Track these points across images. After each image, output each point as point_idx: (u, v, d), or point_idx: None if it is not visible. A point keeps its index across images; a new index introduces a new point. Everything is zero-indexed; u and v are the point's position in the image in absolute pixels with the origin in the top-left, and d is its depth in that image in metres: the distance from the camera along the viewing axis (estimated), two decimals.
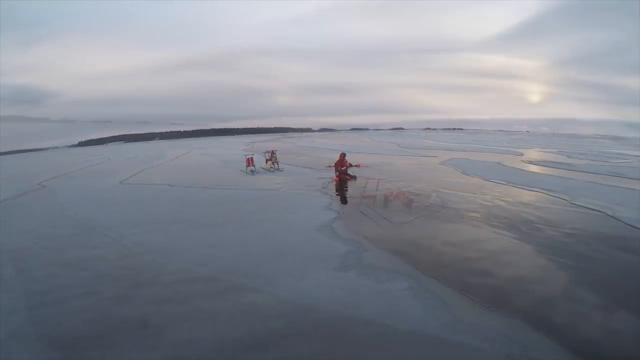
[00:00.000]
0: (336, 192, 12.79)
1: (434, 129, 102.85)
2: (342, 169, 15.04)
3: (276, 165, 18.76)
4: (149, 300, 5.23)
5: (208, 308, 4.94)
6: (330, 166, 19.15)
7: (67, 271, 6.35)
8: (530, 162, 21.07)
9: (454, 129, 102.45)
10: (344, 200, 11.41)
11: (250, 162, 17.94)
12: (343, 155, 15.58)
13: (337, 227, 8.32)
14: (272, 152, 19.04)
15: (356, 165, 19.02)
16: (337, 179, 14.89)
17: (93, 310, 5.04)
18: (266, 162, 18.88)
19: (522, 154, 26.41)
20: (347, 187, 13.77)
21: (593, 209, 9.81)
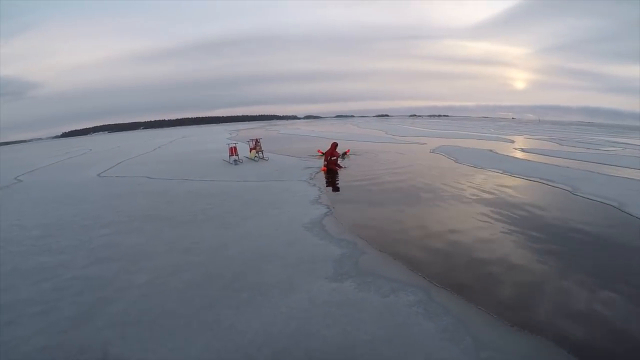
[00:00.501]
0: (325, 182, 11.91)
1: (419, 116, 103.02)
2: (332, 158, 14.16)
3: (261, 155, 17.78)
4: (111, 322, 4.28)
5: (179, 334, 4.03)
6: (319, 151, 18.58)
7: (27, 283, 5.45)
8: (523, 150, 20.40)
9: (440, 115, 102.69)
10: (334, 192, 10.55)
11: (233, 151, 16.94)
12: (335, 144, 14.80)
13: (328, 225, 7.44)
14: (257, 141, 18.03)
15: (346, 151, 18.46)
16: (325, 168, 14.03)
17: (47, 334, 4.09)
18: (250, 151, 17.90)
19: (512, 142, 25.81)
20: (336, 177, 12.90)
21: (598, 201, 9.09)
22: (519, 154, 18.59)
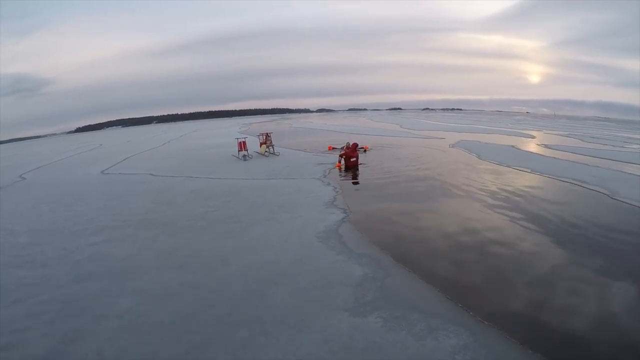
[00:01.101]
0: (340, 181, 10.85)
1: (432, 110, 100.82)
2: (352, 159, 12.97)
3: (271, 150, 16.76)
4: None
5: None
6: (330, 147, 17.71)
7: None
8: (546, 146, 18.99)
9: (453, 109, 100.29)
10: (350, 193, 9.44)
11: (242, 146, 15.97)
12: (355, 145, 13.59)
13: (345, 234, 6.40)
14: (267, 135, 17.01)
15: (364, 147, 17.39)
16: (340, 164, 12.96)
17: None
18: (260, 145, 16.89)
19: (533, 137, 24.34)
20: (352, 174, 11.83)
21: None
22: (542, 150, 17.23)
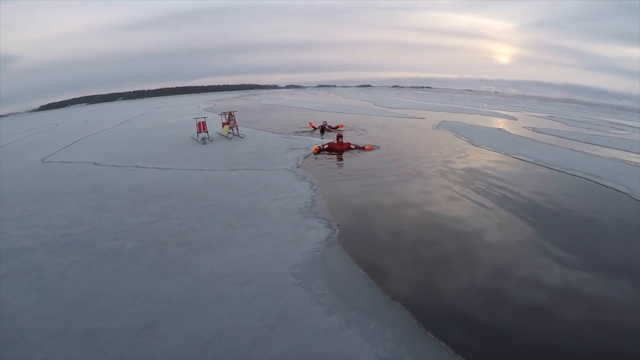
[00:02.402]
0: (318, 172, 8.75)
1: (401, 87, 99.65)
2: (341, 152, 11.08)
3: (235, 131, 14.36)
4: None
5: None
6: (311, 125, 16.21)
7: None
8: (535, 130, 17.43)
9: (422, 87, 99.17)
10: (333, 191, 7.32)
11: (201, 127, 13.57)
12: (340, 137, 11.66)
13: (337, 269, 4.35)
14: (230, 114, 14.55)
15: (339, 126, 15.84)
16: (317, 148, 10.88)
17: None
18: (223, 126, 14.46)
19: (515, 119, 23.00)
20: (331, 162, 9.74)
21: None
22: (533, 135, 15.61)
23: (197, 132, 13.62)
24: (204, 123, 13.69)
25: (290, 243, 4.94)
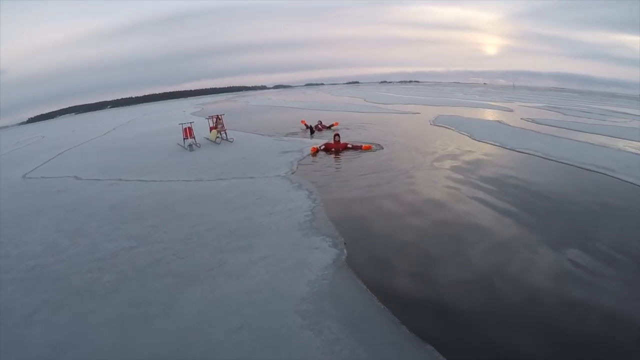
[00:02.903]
0: (315, 177, 8.04)
1: (390, 82, 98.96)
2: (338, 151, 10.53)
3: (223, 135, 13.57)
4: None
5: None
6: (303, 122, 15.62)
7: None
8: (533, 121, 16.83)
9: (410, 81, 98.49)
10: (336, 201, 6.57)
11: (188, 133, 12.73)
12: (337, 136, 11.02)
13: (350, 302, 3.68)
14: (218, 118, 13.76)
15: (334, 124, 15.19)
16: (315, 149, 10.26)
17: None
18: (210, 131, 13.67)
19: (511, 110, 22.45)
20: (330, 165, 9.03)
21: None
22: (535, 127, 14.95)
23: (184, 139, 12.82)
24: (190, 129, 12.89)
25: (291, 270, 4.22)
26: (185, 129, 12.85)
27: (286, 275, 4.11)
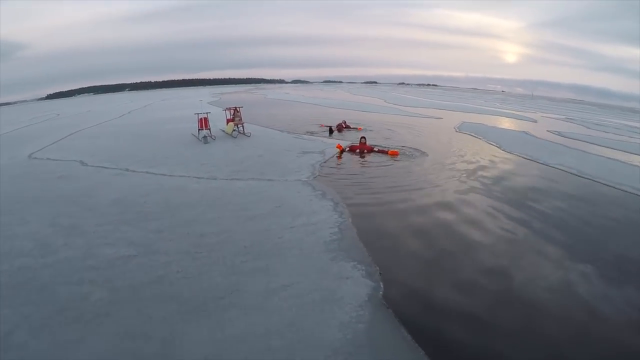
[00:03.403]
0: (341, 183, 7.28)
1: (408, 84, 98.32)
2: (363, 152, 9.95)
3: (240, 129, 12.81)
4: None
5: None
6: (322, 126, 14.82)
7: None
8: (559, 134, 15.91)
9: (429, 84, 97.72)
10: (368, 218, 5.71)
11: (203, 124, 11.99)
12: (363, 138, 10.48)
13: (394, 358, 2.85)
14: (236, 110, 13.01)
15: (358, 128, 14.42)
16: (341, 147, 9.98)
17: None
18: (227, 123, 12.93)
19: (535, 120, 21.56)
20: (361, 174, 8.20)
21: None
22: (562, 140, 14.08)
23: (199, 129, 12.09)
24: (206, 119, 12.15)
25: (318, 306, 3.42)
26: (201, 119, 12.11)
27: (313, 312, 3.33)
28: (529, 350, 3.05)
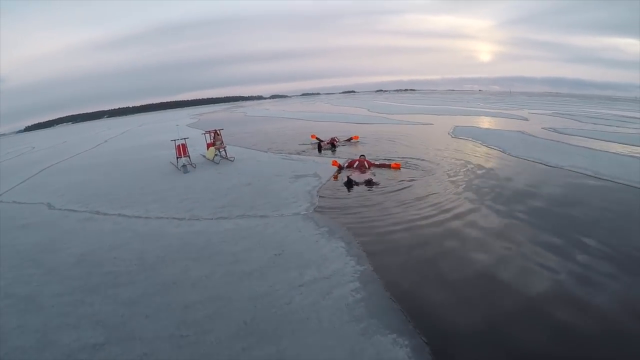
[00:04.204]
0: (351, 216, 6.13)
1: (385, 91, 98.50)
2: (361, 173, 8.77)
3: (223, 153, 11.69)
4: None
5: None
6: (313, 137, 14.01)
7: None
8: (555, 131, 15.24)
9: (406, 89, 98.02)
10: (394, 263, 4.56)
11: (181, 151, 10.85)
12: (363, 156, 9.54)
13: None
14: (216, 133, 11.86)
15: (353, 137, 13.85)
16: (337, 164, 9.16)
17: None
18: (208, 148, 11.80)
19: (526, 118, 20.99)
20: (369, 200, 7.07)
21: None
22: (561, 137, 13.36)
23: (177, 157, 10.94)
24: (184, 146, 11.01)
25: None
26: (179, 145, 10.97)
27: None
28: None
